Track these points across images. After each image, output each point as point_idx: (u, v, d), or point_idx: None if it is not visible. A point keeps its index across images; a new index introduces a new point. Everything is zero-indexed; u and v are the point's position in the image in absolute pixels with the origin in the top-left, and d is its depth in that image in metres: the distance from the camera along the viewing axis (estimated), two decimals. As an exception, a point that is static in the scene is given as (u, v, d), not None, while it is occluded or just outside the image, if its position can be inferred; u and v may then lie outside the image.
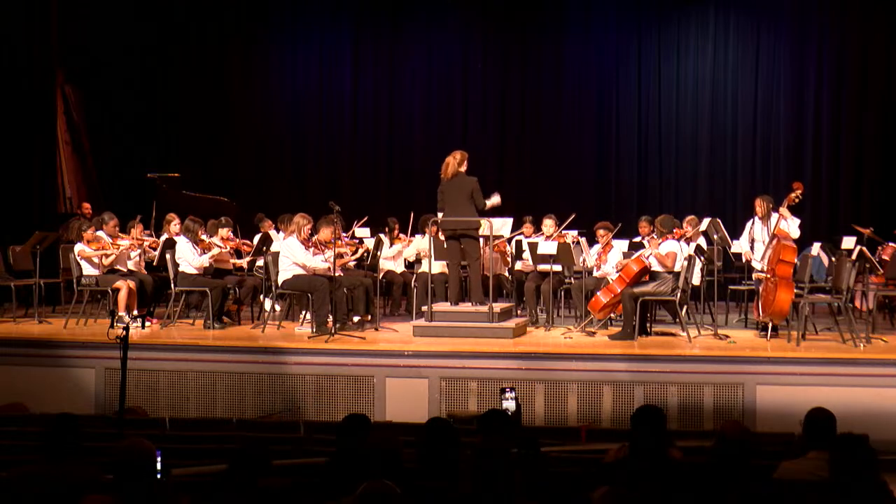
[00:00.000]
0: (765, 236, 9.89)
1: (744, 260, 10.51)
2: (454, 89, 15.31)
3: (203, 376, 9.05)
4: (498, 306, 9.79)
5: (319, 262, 9.90)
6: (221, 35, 15.51)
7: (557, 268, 10.54)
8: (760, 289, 9.56)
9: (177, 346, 9.51)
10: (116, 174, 14.85)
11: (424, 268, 10.63)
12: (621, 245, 10.71)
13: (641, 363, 8.72)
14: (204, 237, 10.73)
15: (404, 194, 14.61)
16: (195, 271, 10.39)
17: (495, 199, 9.89)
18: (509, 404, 6.62)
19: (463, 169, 9.72)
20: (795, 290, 9.36)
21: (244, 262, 11.36)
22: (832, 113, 14.14)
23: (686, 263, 9.51)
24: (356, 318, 10.18)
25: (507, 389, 6.85)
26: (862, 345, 8.97)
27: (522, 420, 7.45)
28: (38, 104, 13.22)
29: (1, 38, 12.78)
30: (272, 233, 11.64)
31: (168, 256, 10.45)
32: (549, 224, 10.94)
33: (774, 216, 9.81)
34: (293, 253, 9.85)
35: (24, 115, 12.93)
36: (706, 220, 10.95)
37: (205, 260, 10.49)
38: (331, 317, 9.69)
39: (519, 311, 10.81)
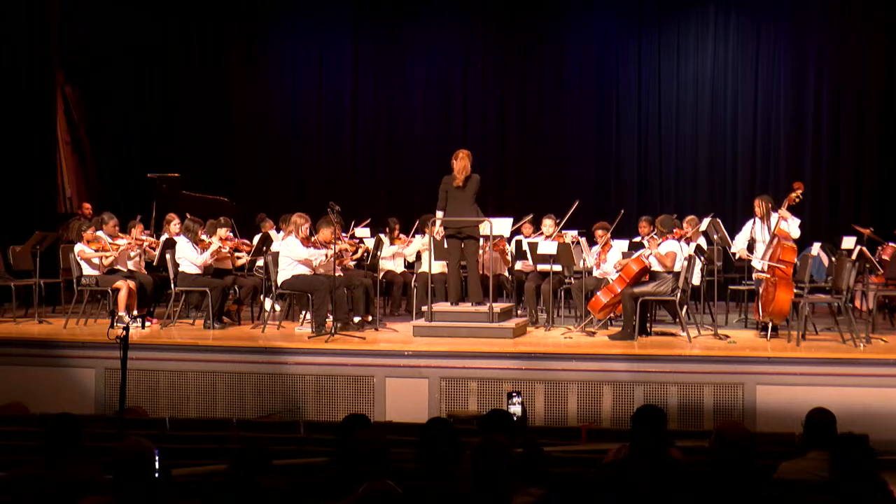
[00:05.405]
0: (765, 236, 9.88)
1: (737, 257, 10.50)
2: (454, 89, 15.32)
3: (203, 376, 9.05)
4: (498, 306, 9.79)
5: (321, 251, 9.91)
6: (221, 35, 15.51)
7: (557, 268, 10.54)
8: (760, 289, 9.57)
9: (177, 346, 9.51)
10: (116, 174, 14.85)
11: (424, 268, 10.63)
12: (621, 245, 10.72)
13: (641, 363, 8.72)
14: (204, 237, 10.73)
15: (404, 194, 14.61)
16: (196, 271, 10.39)
17: None
18: (516, 409, 6.62)
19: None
20: (795, 290, 9.36)
21: (245, 260, 11.35)
22: (832, 113, 14.14)
23: (686, 263, 9.51)
24: (356, 319, 10.18)
25: (514, 394, 6.85)
26: (862, 345, 8.97)
27: (522, 421, 7.45)
28: (37, 104, 13.22)
29: (1, 38, 12.78)
30: (272, 233, 11.63)
31: (168, 256, 10.45)
32: (548, 224, 10.94)
33: (774, 216, 9.81)
34: (294, 251, 9.85)
35: (24, 114, 12.92)
36: (706, 220, 10.95)
37: (206, 256, 10.48)
38: (331, 317, 9.70)
39: (519, 311, 10.81)
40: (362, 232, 12.04)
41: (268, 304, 10.79)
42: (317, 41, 15.51)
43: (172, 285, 10.44)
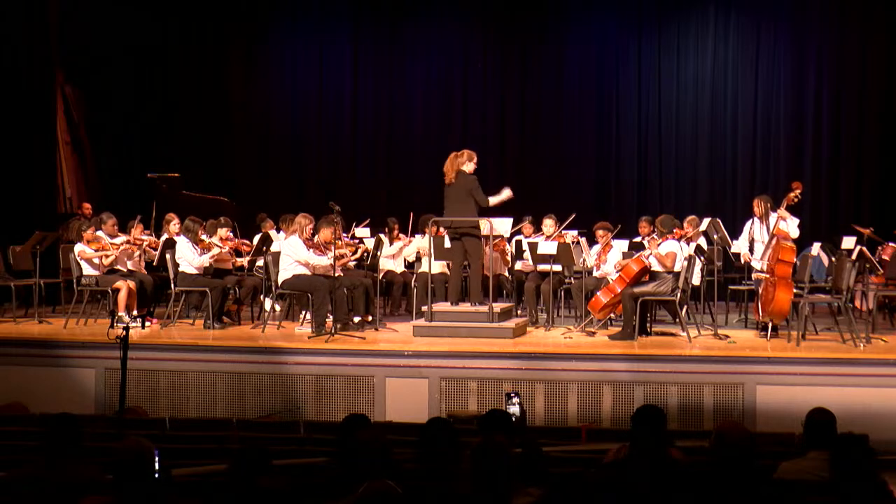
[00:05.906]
0: (764, 236, 9.89)
1: (742, 261, 10.51)
2: (454, 89, 15.32)
3: (203, 376, 9.05)
4: (498, 306, 9.78)
5: (322, 258, 9.91)
6: (221, 35, 15.52)
7: (557, 268, 10.54)
8: (760, 289, 9.57)
9: (177, 346, 9.51)
10: (116, 174, 14.86)
11: (424, 268, 10.63)
12: (621, 245, 10.71)
13: (641, 363, 8.72)
14: (204, 237, 10.73)
15: (404, 194, 14.60)
16: (195, 271, 10.39)
17: (505, 194, 9.86)
18: (514, 409, 6.62)
19: (465, 168, 9.71)
20: (795, 290, 9.36)
21: (245, 261, 11.36)
22: (832, 112, 14.15)
23: (686, 263, 9.51)
24: (356, 319, 10.18)
25: (513, 395, 6.85)
26: (862, 345, 8.97)
27: (522, 420, 7.45)
28: (37, 104, 13.22)
29: (1, 38, 12.78)
30: (272, 233, 11.64)
31: (168, 256, 10.45)
32: (549, 224, 10.94)
33: (773, 216, 9.81)
34: (296, 251, 9.85)
35: (24, 114, 12.92)
36: (706, 220, 10.95)
37: (205, 260, 10.49)
38: (331, 317, 9.69)
39: (519, 311, 10.81)
40: (362, 232, 12.05)
41: (268, 304, 10.79)
42: (317, 41, 15.51)
43: (172, 285, 10.44)
